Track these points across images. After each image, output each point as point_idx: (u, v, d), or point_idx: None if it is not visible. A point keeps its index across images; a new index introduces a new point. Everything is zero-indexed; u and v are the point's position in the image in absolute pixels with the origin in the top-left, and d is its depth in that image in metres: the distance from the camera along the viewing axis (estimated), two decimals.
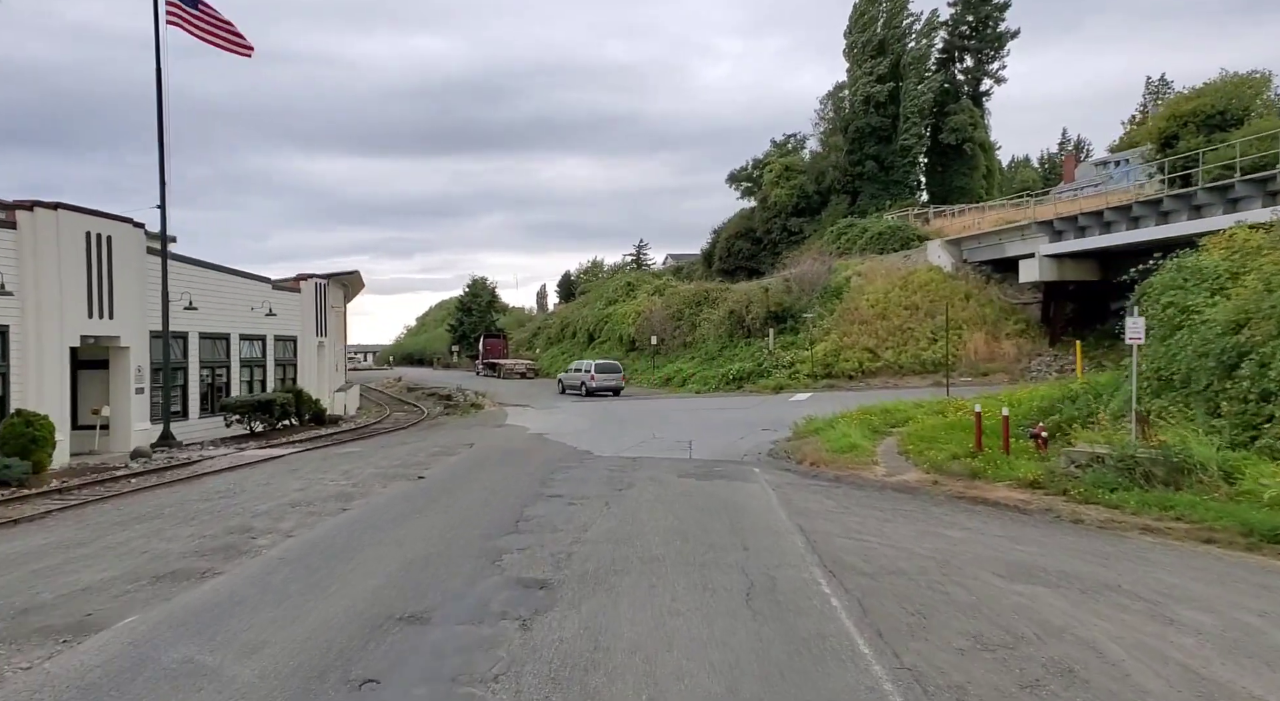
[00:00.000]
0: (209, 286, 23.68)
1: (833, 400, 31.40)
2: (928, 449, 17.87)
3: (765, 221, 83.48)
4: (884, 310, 37.42)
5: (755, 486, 14.75)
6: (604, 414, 30.31)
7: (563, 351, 71.30)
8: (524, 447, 21.00)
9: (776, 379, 35.94)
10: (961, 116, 77.07)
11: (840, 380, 35.28)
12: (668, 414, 29.36)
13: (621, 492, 13.75)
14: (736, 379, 37.80)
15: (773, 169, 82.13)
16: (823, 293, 40.36)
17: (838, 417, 22.61)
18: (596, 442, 21.72)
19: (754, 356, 38.89)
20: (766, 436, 23.05)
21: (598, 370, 42.24)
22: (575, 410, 32.59)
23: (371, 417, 32.21)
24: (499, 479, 15.34)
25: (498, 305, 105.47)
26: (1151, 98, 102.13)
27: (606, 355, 60.32)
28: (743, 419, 27.01)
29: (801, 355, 37.09)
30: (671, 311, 52.46)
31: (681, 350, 50.00)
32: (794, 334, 39.19)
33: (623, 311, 60.82)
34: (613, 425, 26.30)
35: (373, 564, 8.92)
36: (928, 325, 35.96)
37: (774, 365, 37.23)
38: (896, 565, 9.16)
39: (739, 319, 42.21)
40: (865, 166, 78.53)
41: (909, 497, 14.16)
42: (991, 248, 37.75)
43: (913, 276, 38.83)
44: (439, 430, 26.90)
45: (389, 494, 13.72)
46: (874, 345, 35.99)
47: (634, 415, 29.39)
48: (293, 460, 18.56)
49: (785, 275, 42.41)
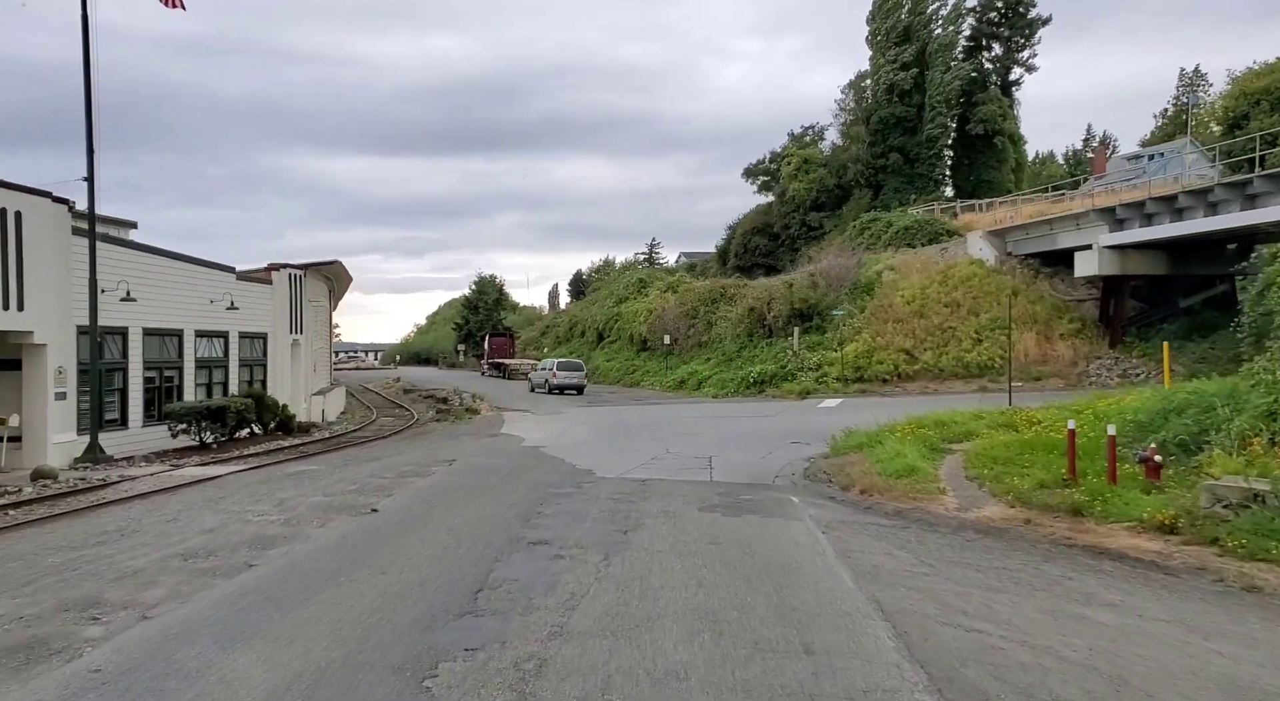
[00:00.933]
0: (155, 275, 20.56)
1: (869, 407, 28.03)
2: (1004, 474, 14.51)
3: (783, 216, 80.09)
4: (921, 308, 34.00)
5: (799, 526, 11.45)
6: (611, 422, 27.06)
7: (571, 351, 68.10)
8: (514, 465, 17.74)
9: (802, 383, 32.59)
10: (990, 106, 73.51)
11: (873, 384, 31.89)
12: (683, 422, 26.08)
13: (627, 536, 10.48)
14: (757, 382, 34.46)
15: (791, 162, 78.72)
16: (852, 289, 36.97)
17: (883, 430, 19.26)
18: (600, 459, 18.47)
19: (776, 358, 35.55)
20: (798, 451, 19.74)
21: (559, 368, 43.99)
22: (579, 417, 29.34)
23: (353, 424, 29.08)
24: (472, 514, 12.08)
25: (505, 302, 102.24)
26: (1186, 89, 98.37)
27: (618, 354, 57.12)
28: (768, 429, 23.69)
29: (829, 357, 33.72)
30: (686, 309, 49.14)
31: (696, 351, 46.67)
32: (820, 333, 35.81)
33: (634, 309, 57.56)
34: (620, 436, 23.05)
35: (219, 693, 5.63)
36: (971, 324, 32.51)
37: (799, 367, 33.90)
38: (1047, 686, 5.86)
39: (759, 317, 38.87)
40: (889, 159, 75.07)
41: (1003, 545, 10.82)
42: (1041, 238, 34.21)
43: (952, 271, 35.38)
44: (422, 440, 23.71)
45: (321, 539, 10.47)
46: (911, 346, 32.59)
47: (645, 423, 26.12)
48: (228, 482, 15.35)
49: (810, 270, 39.03)
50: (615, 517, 11.87)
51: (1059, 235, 32.81)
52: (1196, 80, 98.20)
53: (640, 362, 51.72)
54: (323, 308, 32.59)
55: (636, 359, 53.14)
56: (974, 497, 13.80)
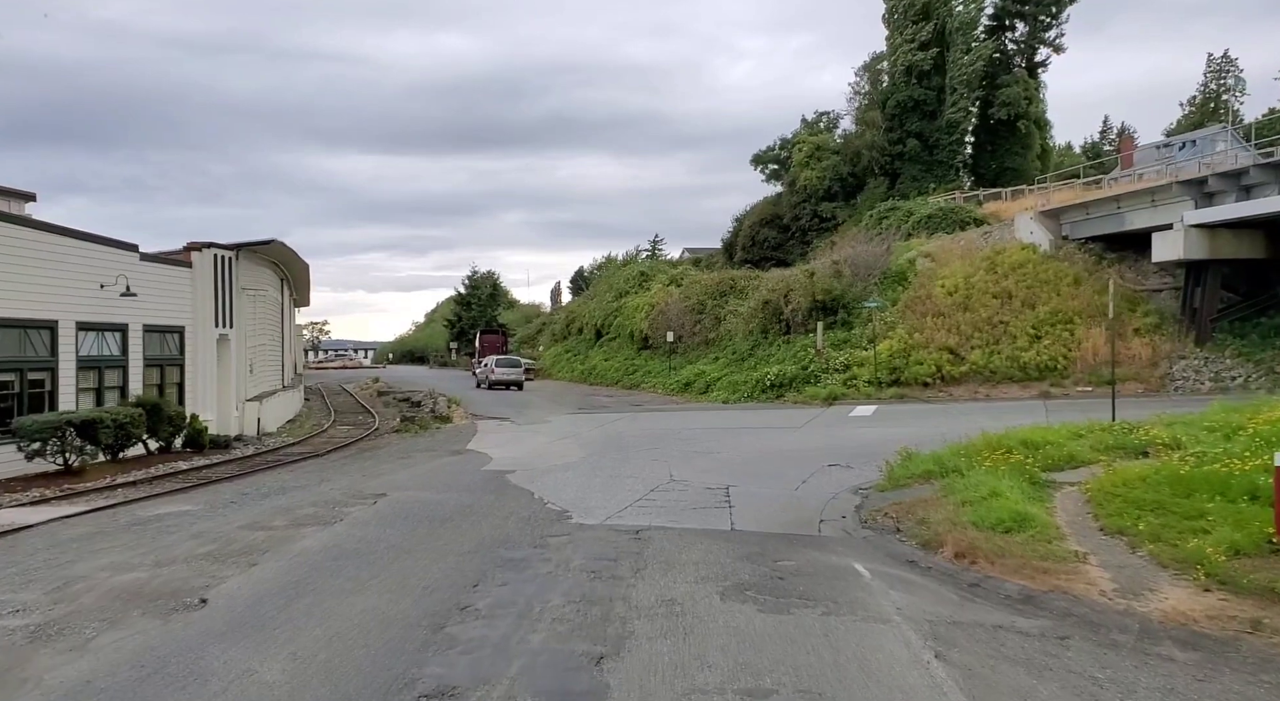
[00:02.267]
0: (10, 250, 15.95)
1: (911, 417, 23.41)
2: (1165, 528, 9.86)
3: (793, 206, 75.37)
4: (966, 299, 29.28)
5: (887, 636, 6.80)
6: (604, 435, 22.42)
7: (567, 350, 63.55)
8: (463, 504, 13.08)
9: (829, 386, 27.91)
10: (1014, 88, 68.79)
11: (912, 389, 27.23)
12: (690, 436, 21.42)
13: (601, 676, 5.85)
14: (775, 385, 29.78)
15: (802, 149, 74.00)
16: (882, 278, 32.30)
17: (956, 452, 14.64)
18: (583, 491, 13.86)
19: (796, 357, 30.88)
20: (841, 479, 15.18)
21: (497, 365, 45.90)
22: (565, 428, 24.68)
23: (296, 435, 24.48)
24: (351, 614, 7.39)
25: (501, 298, 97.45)
26: (1214, 76, 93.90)
27: (617, 353, 52.63)
28: (796, 446, 19.04)
29: (859, 356, 29.03)
30: (691, 303, 44.49)
31: (703, 349, 42.03)
32: (847, 329, 31.15)
33: (634, 304, 52.93)
34: (613, 455, 18.39)
35: None
36: (1026, 318, 27.79)
37: (824, 368, 29.22)
38: None
39: (775, 311, 34.21)
40: (906, 145, 70.41)
41: (1243, 681, 6.17)
42: (1105, 219, 29.36)
43: (1000, 257, 30.66)
44: (364, 459, 19.08)
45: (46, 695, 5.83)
46: (955, 344, 27.88)
47: (644, 437, 21.47)
48: (27, 541, 10.71)
49: (833, 257, 34.32)
50: (591, 606, 7.29)
51: (1129, 214, 28.01)
52: (1226, 66, 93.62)
53: (641, 362, 47.10)
54: (269, 298, 27.95)
55: (637, 358, 48.53)
56: (1133, 570, 9.12)
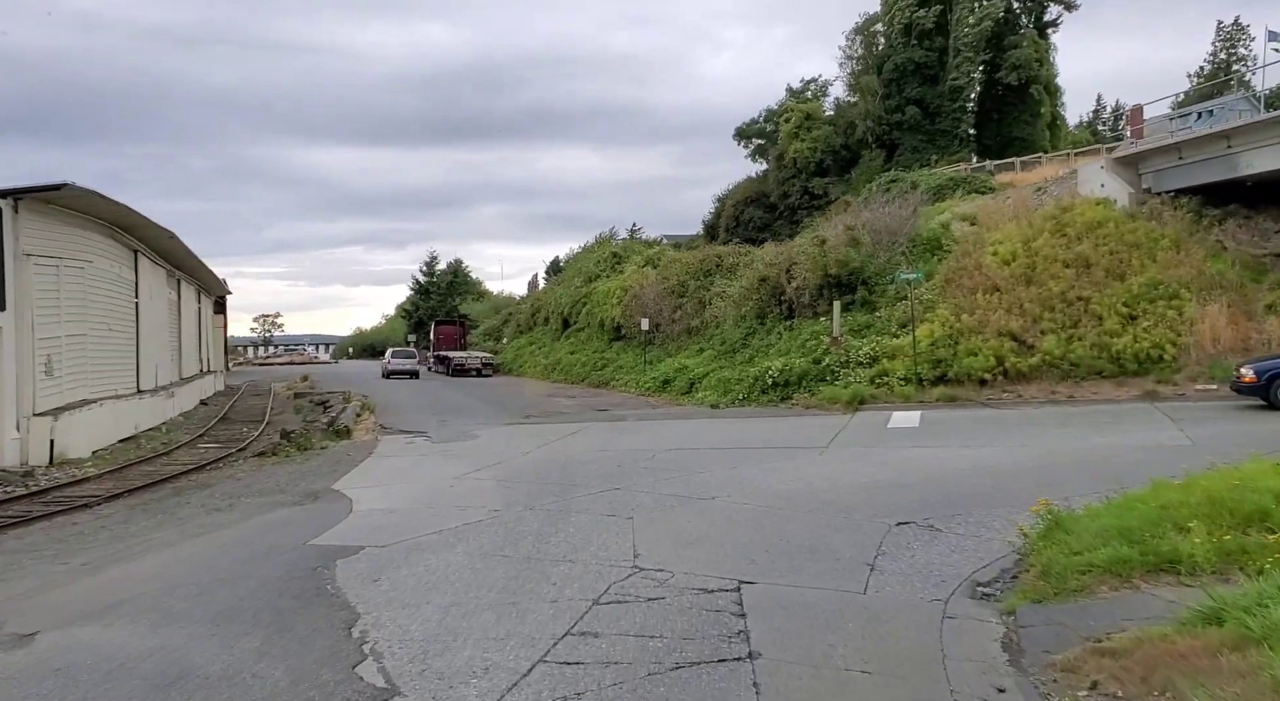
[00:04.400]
0: None
1: (977, 429, 16.76)
2: None
3: (781, 183, 68.61)
4: (1029, 269, 22.52)
5: None
6: (542, 464, 15.48)
7: (531, 342, 56.50)
8: (162, 675, 6.11)
9: (852, 385, 21.09)
10: (1024, 50, 62.35)
11: (965, 387, 20.47)
12: (670, 464, 14.52)
13: None
14: (779, 384, 22.93)
15: (791, 119, 67.25)
16: (911, 247, 25.56)
17: (1148, 514, 7.96)
18: (459, 616, 6.93)
19: (805, 347, 24.07)
20: (934, 559, 8.46)
21: (393, 356, 50.52)
22: (494, 450, 17.66)
23: (120, 460, 17.35)
24: None
25: (470, 287, 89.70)
26: (1224, 44, 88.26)
27: (585, 345, 45.73)
28: (832, 483, 12.16)
29: (888, 345, 22.24)
30: (670, 285, 37.62)
31: (685, 339, 35.18)
32: (869, 311, 24.37)
33: (606, 289, 45.96)
34: (544, 506, 11.43)
35: None
36: (1115, 293, 21.08)
37: (842, 361, 22.42)
38: None
39: (775, 291, 27.36)
40: (905, 113, 63.87)
41: None
42: (1208, 164, 22.31)
43: (1069, 216, 23.90)
44: (155, 513, 11.91)
45: None
46: (1019, 328, 21.15)
47: (602, 467, 14.54)
48: None
49: (847, 223, 27.46)
50: None
51: (1247, 155, 21.16)
52: (1236, 33, 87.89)
53: (612, 355, 40.18)
54: (101, 273, 20.72)
55: (608, 350, 41.60)
56: None
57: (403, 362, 48.83)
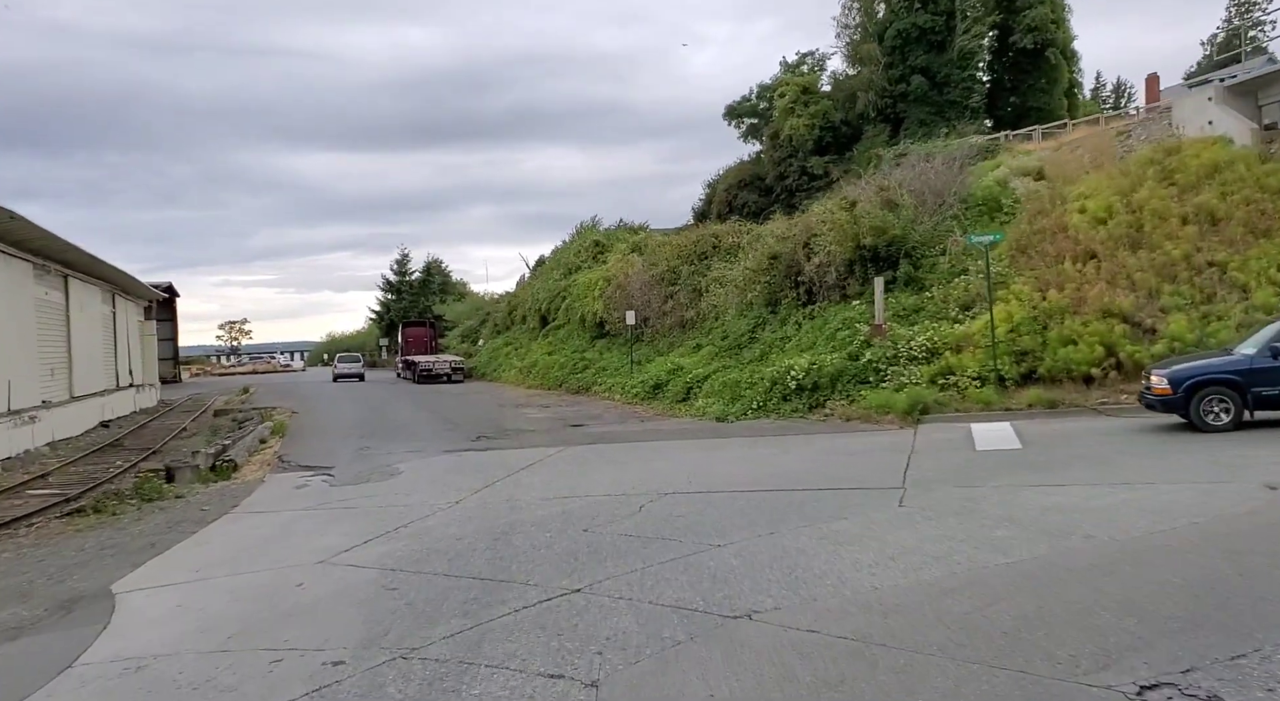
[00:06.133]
0: None
1: (1121, 454, 11.46)
2: None
3: (777, 163, 63.18)
4: (1132, 229, 17.08)
5: None
6: (465, 528, 10.12)
7: (507, 342, 50.98)
8: None
9: (907, 388, 15.69)
10: (1040, 10, 57.07)
11: (1064, 387, 15.08)
12: (662, 529, 9.21)
13: None
14: (806, 388, 17.48)
15: (786, 94, 61.83)
16: (964, 209, 20.25)
17: None
18: None
19: (835, 339, 18.68)
20: None
21: (339, 361, 54.50)
22: (411, 500, 12.27)
23: None
24: None
25: (441, 284, 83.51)
26: (1238, 10, 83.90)
27: (564, 344, 40.27)
28: (945, 572, 6.79)
29: (949, 332, 16.87)
30: (659, 271, 32.28)
31: (678, 334, 29.85)
32: (915, 290, 19.01)
33: (587, 280, 40.54)
34: (440, 634, 6.19)
35: None
36: (1263, 254, 15.76)
37: (888, 356, 17.06)
38: None
39: (790, 269, 21.99)
40: (911, 83, 58.50)
41: None
42: None
43: (1176, 160, 18.52)
44: None
45: None
46: (1130, 306, 15.66)
47: (555, 538, 9.19)
48: None
49: (880, 183, 22.01)
50: None
51: None
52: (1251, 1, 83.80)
53: (594, 355, 34.77)
54: None
55: (589, 350, 36.20)
56: None
57: (348, 367, 52.11)
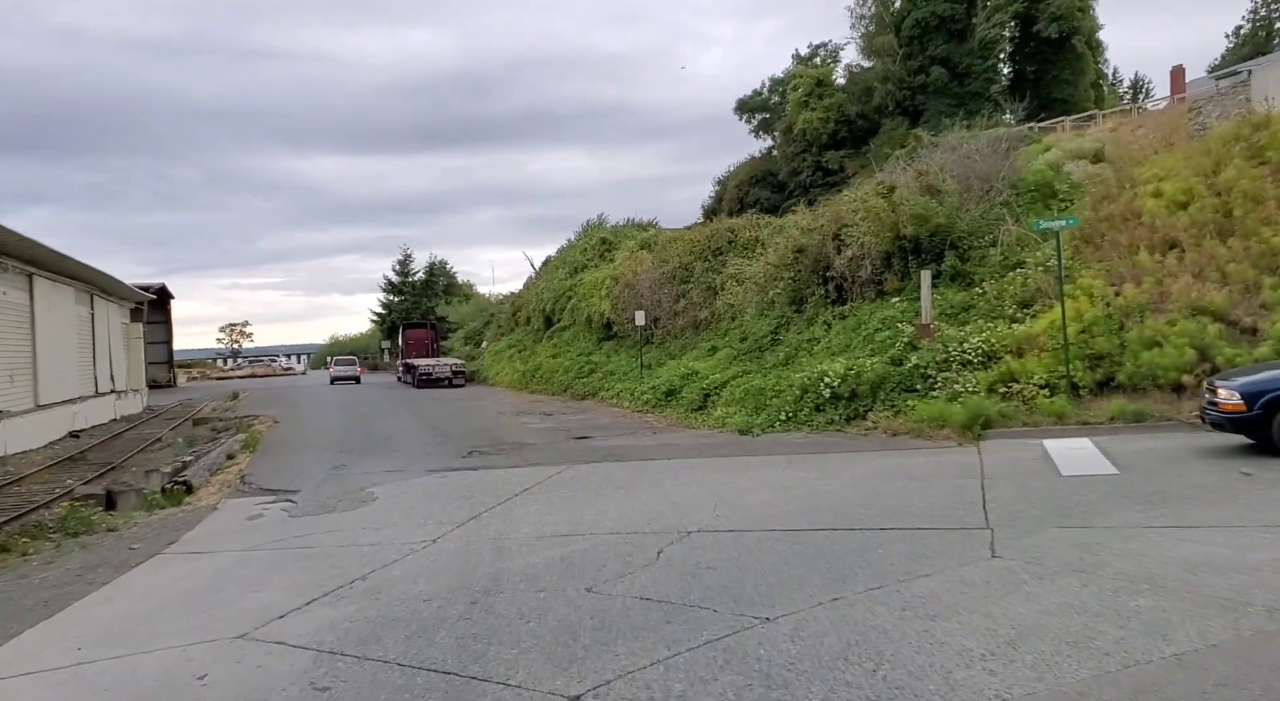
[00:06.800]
0: None
1: (1252, 484, 9.22)
2: None
3: (790, 159, 61.08)
4: (1220, 214, 14.83)
5: None
6: (438, 582, 8.06)
7: (511, 345, 48.91)
8: None
9: (963, 398, 13.54)
10: None
11: (1150, 397, 12.85)
12: (689, 585, 7.17)
13: None
14: (842, 397, 15.34)
15: (799, 87, 59.69)
16: (1016, 194, 18.11)
17: None
18: None
19: (873, 341, 16.50)
20: None
21: (336, 364, 56.16)
22: (378, 537, 10.16)
23: None
24: None
25: (445, 286, 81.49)
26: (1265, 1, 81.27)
27: (569, 346, 38.16)
28: (1122, 692, 4.79)
29: (1007, 334, 14.70)
30: (670, 268, 30.18)
31: (691, 335, 27.76)
32: (963, 286, 16.89)
33: (593, 279, 38.48)
34: None
35: None
36: None
37: (938, 360, 14.92)
38: None
39: (817, 263, 19.87)
40: (930, 74, 56.31)
41: None
42: None
43: (1267, 136, 16.33)
44: None
45: None
46: (1224, 302, 13.33)
47: (552, 599, 7.11)
48: None
49: (921, 168, 19.83)
50: None
51: None
52: None
53: (601, 358, 32.68)
54: None
55: (596, 352, 34.11)
56: None
57: (345, 369, 53.97)
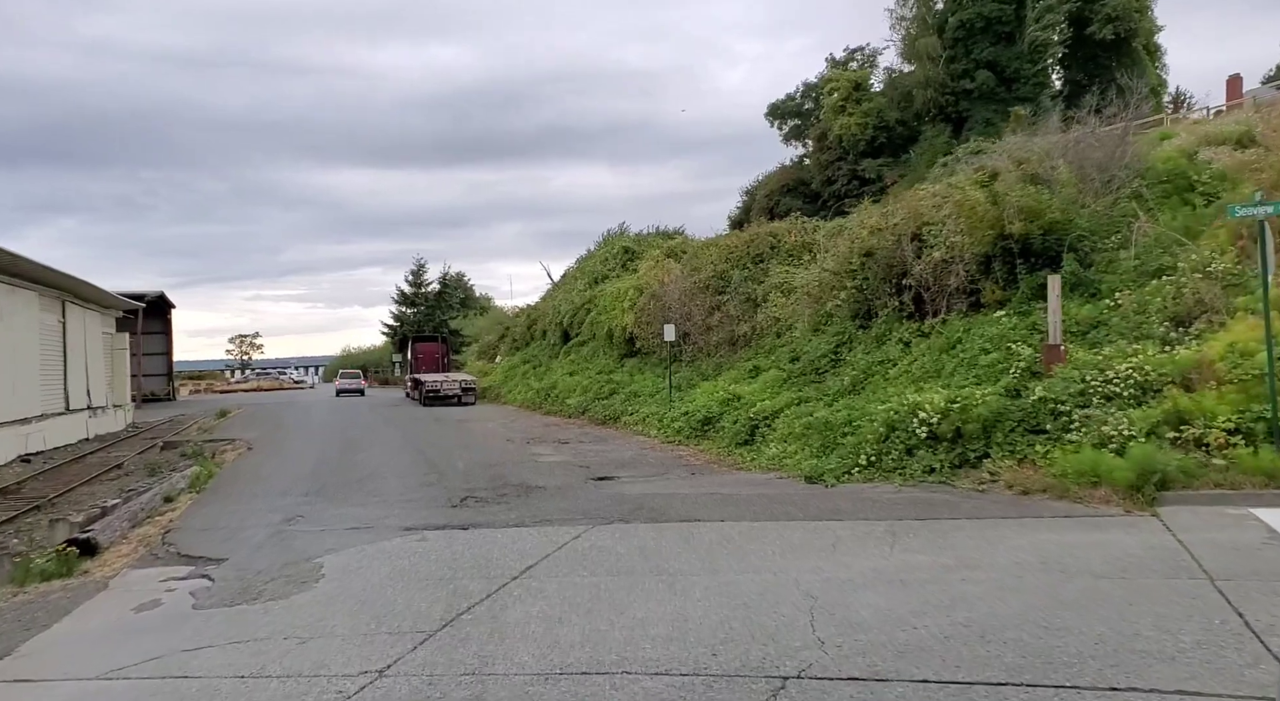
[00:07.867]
0: None
1: None
2: None
3: (824, 167, 57.74)
4: None
5: None
6: None
7: (525, 360, 45.69)
8: None
9: (1116, 442, 10.17)
10: None
11: None
12: None
13: None
14: (942, 438, 11.95)
15: (836, 91, 56.43)
16: (1149, 184, 14.71)
17: None
18: None
19: (977, 368, 13.11)
20: None
21: (341, 378, 59.55)
22: (303, 661, 6.96)
23: None
24: None
25: (460, 299, 78.64)
26: None
27: (588, 363, 34.88)
28: None
29: (1165, 361, 11.31)
30: (702, 278, 26.81)
31: (727, 353, 24.36)
32: (1085, 295, 13.50)
33: (615, 290, 35.21)
34: None
35: None
36: None
37: (1075, 393, 11.47)
38: None
39: (889, 270, 16.45)
40: (976, 79, 52.88)
41: None
42: None
43: None
44: None
45: None
46: None
47: None
48: None
49: (1020, 155, 16.32)
50: None
51: None
52: None
53: (624, 377, 29.29)
54: None
55: (617, 370, 30.77)
56: None
57: (349, 383, 55.92)
